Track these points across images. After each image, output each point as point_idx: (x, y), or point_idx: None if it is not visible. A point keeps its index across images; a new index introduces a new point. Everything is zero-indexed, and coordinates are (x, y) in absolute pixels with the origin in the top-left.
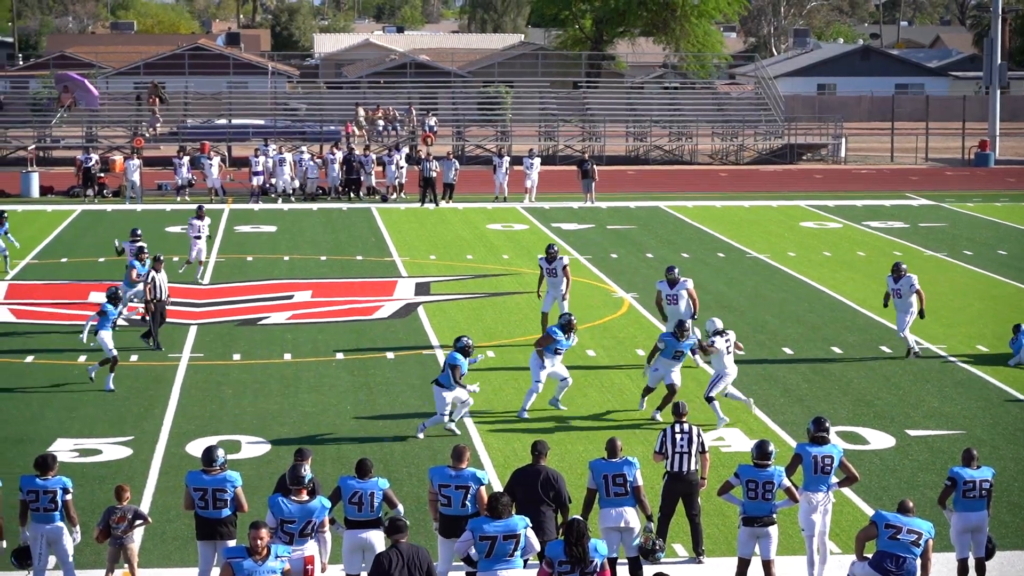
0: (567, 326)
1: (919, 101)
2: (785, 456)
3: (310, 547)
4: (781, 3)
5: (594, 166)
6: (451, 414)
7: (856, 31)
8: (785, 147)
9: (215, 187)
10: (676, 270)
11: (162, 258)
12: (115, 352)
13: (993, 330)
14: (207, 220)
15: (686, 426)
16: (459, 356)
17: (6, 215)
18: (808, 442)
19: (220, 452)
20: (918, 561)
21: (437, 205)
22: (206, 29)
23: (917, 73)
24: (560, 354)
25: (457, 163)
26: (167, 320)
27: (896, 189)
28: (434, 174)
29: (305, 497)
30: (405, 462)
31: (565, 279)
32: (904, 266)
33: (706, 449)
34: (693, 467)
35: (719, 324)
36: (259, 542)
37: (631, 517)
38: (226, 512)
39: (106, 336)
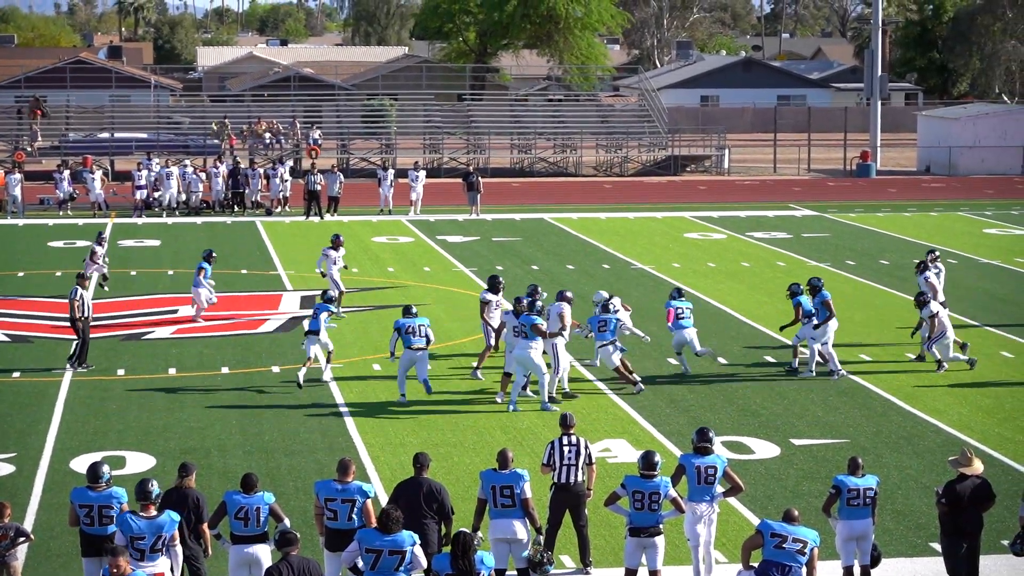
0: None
1: (801, 112)
2: (670, 467)
3: (161, 563)
4: (664, 16)
5: (479, 178)
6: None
7: (738, 43)
8: (669, 159)
9: (98, 201)
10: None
11: (87, 275)
12: (311, 356)
13: (876, 339)
14: (343, 251)
15: (573, 438)
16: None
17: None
18: (692, 452)
19: (105, 468)
20: (804, 570)
21: (322, 218)
22: (88, 42)
23: (799, 84)
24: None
25: (342, 176)
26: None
27: (779, 200)
28: (319, 187)
29: (153, 512)
30: (291, 476)
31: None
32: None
33: (593, 461)
34: (580, 478)
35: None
36: (115, 571)
37: (519, 529)
38: (111, 528)
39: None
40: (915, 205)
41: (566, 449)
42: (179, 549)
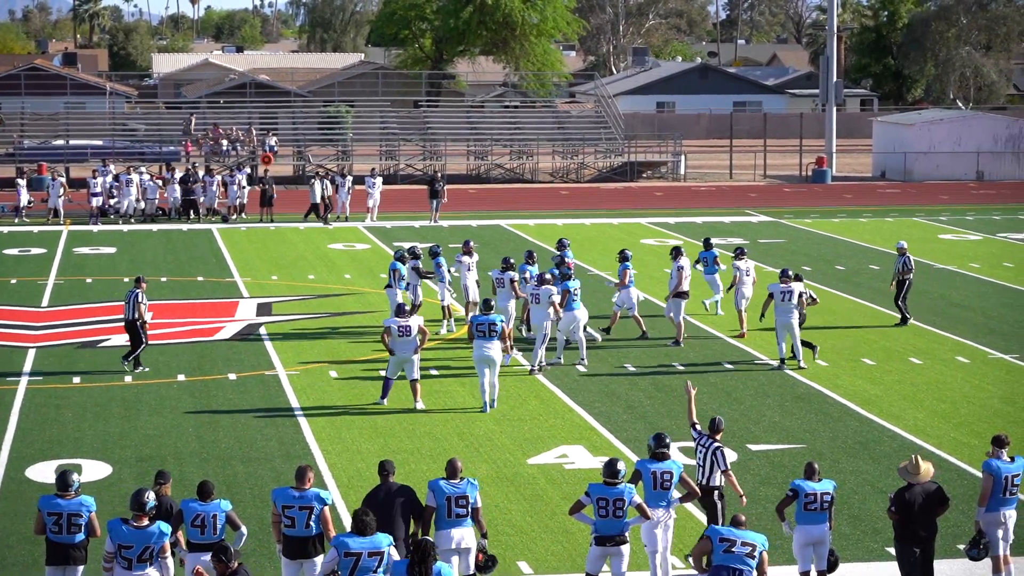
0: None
1: (757, 118)
2: (628, 473)
3: (150, 574)
4: (620, 22)
5: (444, 186)
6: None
7: (694, 50)
8: (625, 165)
9: (55, 207)
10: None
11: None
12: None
13: (832, 344)
14: (475, 257)
15: (707, 440)
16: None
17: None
18: (648, 458)
19: (75, 477)
20: (754, 573)
21: (327, 224)
22: (42, 49)
23: (755, 91)
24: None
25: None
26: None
27: (735, 206)
28: (324, 193)
29: (145, 522)
30: (248, 484)
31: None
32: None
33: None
34: (716, 482)
35: None
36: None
37: (469, 536)
38: (79, 537)
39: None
40: (870, 211)
41: (700, 450)
42: (170, 561)
